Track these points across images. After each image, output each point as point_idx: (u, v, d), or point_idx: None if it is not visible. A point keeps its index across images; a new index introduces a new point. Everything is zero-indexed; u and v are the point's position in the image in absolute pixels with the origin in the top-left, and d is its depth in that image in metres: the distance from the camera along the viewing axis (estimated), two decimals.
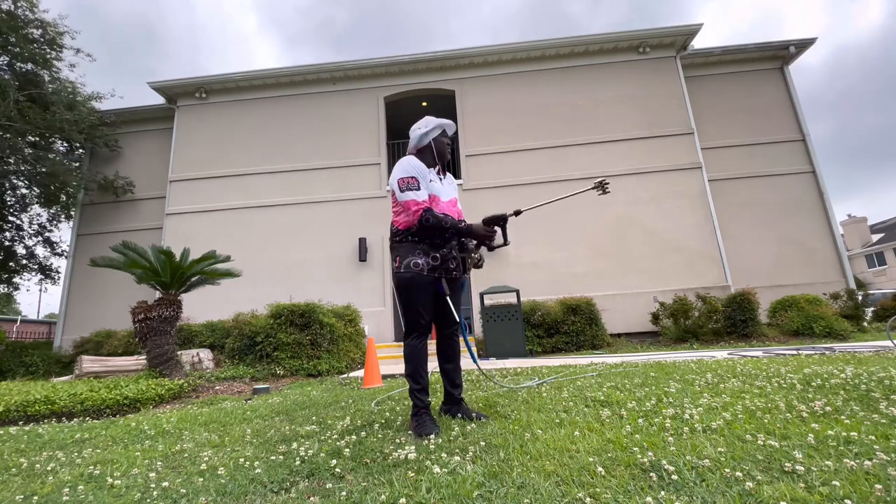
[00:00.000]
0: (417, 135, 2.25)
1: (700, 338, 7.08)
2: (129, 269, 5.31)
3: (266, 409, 3.17)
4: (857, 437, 1.41)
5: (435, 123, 2.25)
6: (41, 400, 3.92)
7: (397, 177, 2.12)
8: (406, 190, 2.07)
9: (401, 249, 2.13)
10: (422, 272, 2.07)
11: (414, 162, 2.16)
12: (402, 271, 2.09)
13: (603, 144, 9.25)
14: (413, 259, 2.08)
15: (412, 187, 2.07)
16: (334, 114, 9.92)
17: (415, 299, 2.10)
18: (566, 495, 1.15)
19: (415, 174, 2.11)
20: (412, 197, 2.06)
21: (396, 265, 2.13)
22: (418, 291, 2.09)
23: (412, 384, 2.09)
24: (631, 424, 1.76)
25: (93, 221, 10.55)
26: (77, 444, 2.46)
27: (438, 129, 2.26)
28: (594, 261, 8.64)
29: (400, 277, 2.10)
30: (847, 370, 2.58)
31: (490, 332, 6.90)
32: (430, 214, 2.04)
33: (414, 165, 2.14)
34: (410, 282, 2.08)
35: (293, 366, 6.03)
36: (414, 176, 2.10)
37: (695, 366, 3.52)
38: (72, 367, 7.72)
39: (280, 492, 1.38)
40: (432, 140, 2.25)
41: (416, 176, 2.10)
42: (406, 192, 2.07)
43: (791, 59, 10.11)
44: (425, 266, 2.08)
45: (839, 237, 9.31)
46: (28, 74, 9.64)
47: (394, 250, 2.18)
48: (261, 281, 8.65)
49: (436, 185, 2.19)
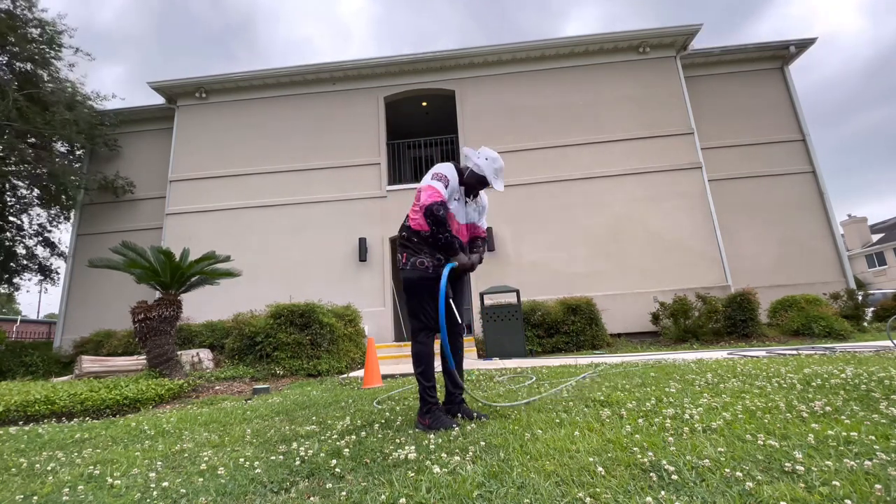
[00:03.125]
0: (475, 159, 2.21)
1: (700, 338, 7.08)
2: (129, 269, 5.31)
3: (266, 409, 3.17)
4: (857, 437, 1.41)
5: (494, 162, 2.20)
6: (41, 400, 3.92)
7: (434, 171, 2.20)
8: (434, 180, 2.13)
9: (409, 247, 2.19)
10: (427, 270, 2.13)
11: (454, 170, 2.22)
12: (408, 269, 2.15)
13: (603, 144, 9.25)
14: (420, 258, 2.15)
15: (441, 180, 2.14)
16: (334, 114, 9.92)
17: (422, 298, 2.15)
18: (566, 495, 1.15)
19: (450, 176, 2.17)
20: (437, 187, 2.11)
21: (403, 262, 2.18)
22: (425, 290, 2.14)
23: (424, 382, 2.13)
24: (631, 424, 1.76)
25: (93, 222, 10.55)
26: (77, 444, 2.45)
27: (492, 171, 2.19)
28: (594, 261, 8.64)
29: (408, 276, 2.16)
30: (847, 370, 2.58)
31: (490, 332, 6.90)
32: (443, 209, 2.07)
33: (453, 172, 2.20)
34: (419, 281, 2.14)
35: (293, 366, 6.03)
36: (448, 176, 2.16)
37: (695, 366, 3.52)
38: (72, 367, 7.71)
39: (280, 492, 1.38)
40: (477, 172, 2.20)
41: (449, 177, 2.16)
42: (433, 181, 2.13)
43: (791, 59, 10.11)
44: (431, 265, 2.14)
45: (839, 237, 9.31)
46: (27, 74, 9.64)
47: (402, 247, 2.22)
48: (261, 281, 8.65)
49: (454, 204, 2.22)
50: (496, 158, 2.22)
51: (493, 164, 2.20)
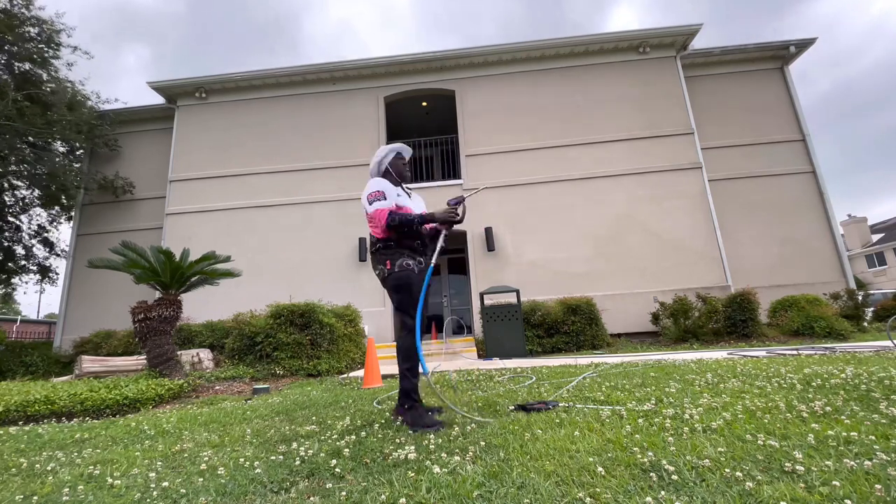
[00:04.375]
0: (374, 164, 2.48)
1: (700, 338, 7.08)
2: (129, 269, 5.31)
3: (266, 409, 3.17)
4: (857, 437, 1.41)
5: (388, 150, 2.48)
6: (41, 400, 3.92)
7: (365, 194, 2.33)
8: (374, 202, 2.28)
9: (387, 253, 2.28)
10: (413, 269, 2.24)
11: (381, 181, 2.38)
12: (396, 271, 2.24)
13: (603, 144, 9.25)
14: (404, 260, 2.25)
15: (379, 199, 2.29)
16: (334, 114, 9.92)
17: (411, 296, 2.23)
18: (566, 495, 1.15)
19: (381, 189, 2.31)
20: (379, 206, 2.26)
21: (389, 267, 2.26)
22: (414, 286, 2.24)
23: (411, 378, 2.18)
24: (631, 424, 1.76)
25: (93, 222, 10.55)
26: (77, 444, 2.45)
27: (392, 153, 2.48)
28: (594, 261, 8.64)
29: (397, 276, 2.24)
30: (847, 370, 2.58)
31: (490, 332, 6.90)
32: (395, 215, 2.22)
33: (381, 183, 2.36)
34: (408, 279, 2.23)
35: (293, 366, 6.03)
36: (380, 190, 2.31)
37: (695, 366, 3.52)
38: (72, 367, 7.72)
39: (280, 492, 1.38)
40: (388, 164, 2.47)
41: (382, 190, 2.31)
42: (374, 203, 2.28)
43: (791, 59, 10.11)
44: (415, 265, 2.26)
45: (839, 237, 9.31)
46: (27, 74, 9.63)
47: (381, 255, 2.31)
48: (261, 281, 8.65)
49: (404, 199, 2.39)
50: (374, 156, 2.50)
51: (373, 160, 2.48)
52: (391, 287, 2.27)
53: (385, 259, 2.27)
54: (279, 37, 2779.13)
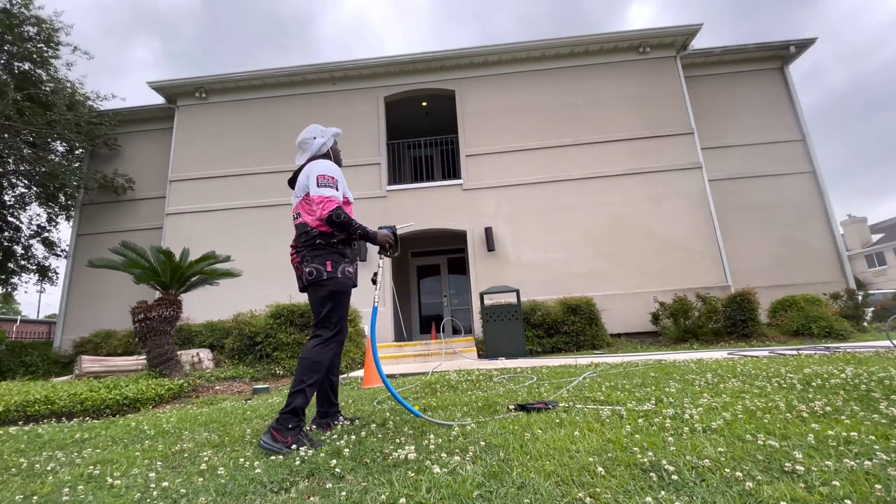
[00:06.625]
0: (317, 144, 2.25)
1: (700, 338, 7.08)
2: (128, 269, 5.31)
3: (266, 409, 3.17)
4: (857, 437, 1.41)
5: (328, 132, 2.30)
6: (41, 400, 3.92)
7: (318, 173, 2.10)
8: (324, 186, 2.07)
9: (325, 254, 2.08)
10: (352, 279, 2.16)
11: (335, 167, 2.20)
12: (339, 277, 2.09)
13: (603, 144, 9.25)
14: (345, 266, 2.12)
15: (330, 185, 2.09)
16: (334, 114, 9.91)
17: (346, 306, 2.16)
18: (566, 495, 1.15)
19: (335, 176, 2.14)
20: (329, 194, 2.05)
21: (329, 270, 2.06)
22: (346, 302, 2.16)
23: (309, 395, 1.95)
24: (631, 424, 1.76)
25: (93, 221, 10.55)
26: (77, 444, 2.45)
27: (333, 137, 2.32)
28: (594, 261, 8.64)
29: (338, 283, 2.09)
30: (847, 370, 2.58)
31: (490, 332, 6.90)
32: (342, 212, 2.05)
33: (335, 168, 2.19)
34: (347, 289, 2.14)
35: (293, 366, 6.03)
36: (335, 177, 2.13)
37: (695, 366, 3.52)
38: (72, 367, 7.71)
39: (280, 492, 1.38)
40: (330, 148, 2.31)
41: (336, 178, 2.14)
42: (323, 187, 2.07)
43: (791, 59, 10.11)
44: (353, 274, 2.18)
45: (839, 237, 9.32)
46: (26, 73, 9.63)
47: (318, 252, 2.08)
48: (261, 281, 8.65)
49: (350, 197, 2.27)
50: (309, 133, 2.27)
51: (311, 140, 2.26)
52: (328, 293, 2.05)
53: (325, 259, 2.07)
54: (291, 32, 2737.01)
